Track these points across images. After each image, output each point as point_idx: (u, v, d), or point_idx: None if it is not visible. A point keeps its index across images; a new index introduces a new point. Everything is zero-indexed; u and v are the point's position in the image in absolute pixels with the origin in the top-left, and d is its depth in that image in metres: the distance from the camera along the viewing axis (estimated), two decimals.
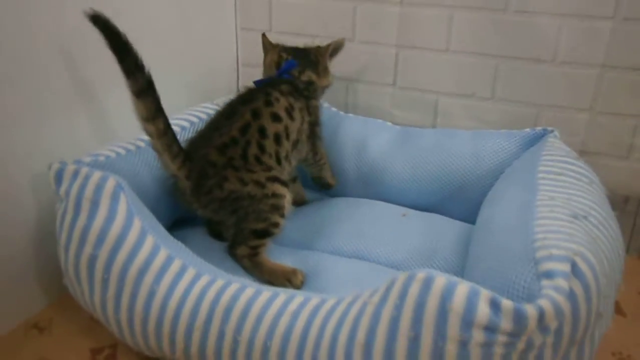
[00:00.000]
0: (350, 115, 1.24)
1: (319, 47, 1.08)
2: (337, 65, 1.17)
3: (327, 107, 1.22)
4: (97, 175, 0.73)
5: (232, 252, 0.88)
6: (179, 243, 0.77)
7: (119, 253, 0.70)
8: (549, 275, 0.55)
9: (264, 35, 1.10)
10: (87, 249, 0.71)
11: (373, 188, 1.16)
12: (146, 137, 0.91)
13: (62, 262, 0.75)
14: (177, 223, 1.00)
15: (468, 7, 1.11)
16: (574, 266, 0.55)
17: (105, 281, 0.70)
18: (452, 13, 1.13)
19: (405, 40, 1.19)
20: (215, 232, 0.97)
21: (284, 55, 1.06)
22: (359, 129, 1.19)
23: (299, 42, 1.23)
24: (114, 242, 0.70)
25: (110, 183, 0.73)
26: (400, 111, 1.26)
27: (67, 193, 0.73)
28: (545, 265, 0.56)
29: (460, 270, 0.89)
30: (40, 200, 0.85)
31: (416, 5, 1.15)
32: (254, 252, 0.86)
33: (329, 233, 1.00)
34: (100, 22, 0.72)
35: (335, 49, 1.10)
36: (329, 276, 0.86)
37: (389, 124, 1.22)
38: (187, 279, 0.70)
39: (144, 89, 0.75)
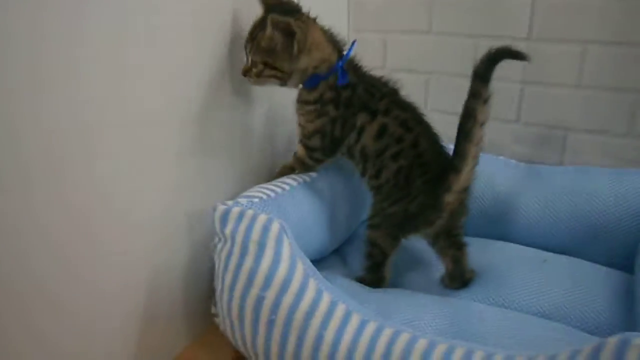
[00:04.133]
0: None
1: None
2: (456, 102, 1.16)
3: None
4: (262, 217, 0.74)
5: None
6: (335, 287, 0.77)
7: (285, 296, 0.70)
8: None
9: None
10: (254, 291, 0.71)
11: (499, 228, 1.12)
12: (289, 181, 0.92)
13: (225, 303, 0.75)
14: None
15: (603, 42, 1.07)
16: None
17: (271, 323, 0.70)
18: (586, 47, 1.09)
19: (531, 75, 1.16)
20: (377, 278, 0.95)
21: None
22: (482, 166, 1.15)
23: (413, 80, 1.24)
24: (281, 284, 0.71)
25: (275, 226, 0.74)
26: (523, 147, 1.22)
27: (233, 234, 0.75)
28: None
29: (623, 323, 0.83)
30: (193, 240, 0.87)
31: (545, 40, 1.12)
32: None
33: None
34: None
35: None
36: (479, 325, 0.82)
37: (514, 161, 1.18)
38: (354, 325, 0.68)
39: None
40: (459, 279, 0.93)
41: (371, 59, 1.34)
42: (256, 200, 0.83)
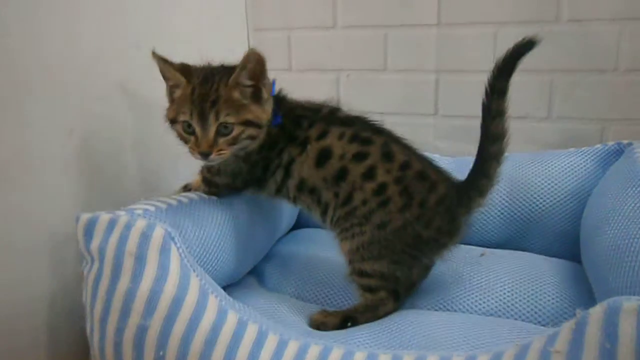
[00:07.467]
0: None
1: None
2: (370, 99, 1.07)
3: None
4: (140, 223, 0.57)
5: None
6: (244, 305, 0.61)
7: (177, 321, 0.53)
8: None
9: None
10: (134, 319, 0.53)
11: None
12: (191, 195, 0.77)
13: (96, 342, 0.56)
14: None
15: (514, 22, 1.03)
16: None
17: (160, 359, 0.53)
18: (497, 30, 1.05)
19: (445, 63, 1.10)
20: None
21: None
22: None
23: (322, 80, 1.13)
24: (169, 307, 0.54)
25: (158, 232, 0.57)
26: (445, 142, 1.14)
27: (102, 249, 0.57)
28: None
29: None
30: (61, 269, 0.68)
31: (456, 25, 1.07)
32: None
33: None
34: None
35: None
36: (420, 332, 0.69)
37: (437, 156, 1.09)
38: (271, 348, 0.53)
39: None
40: None
41: (276, 61, 1.23)
42: (139, 212, 0.65)
